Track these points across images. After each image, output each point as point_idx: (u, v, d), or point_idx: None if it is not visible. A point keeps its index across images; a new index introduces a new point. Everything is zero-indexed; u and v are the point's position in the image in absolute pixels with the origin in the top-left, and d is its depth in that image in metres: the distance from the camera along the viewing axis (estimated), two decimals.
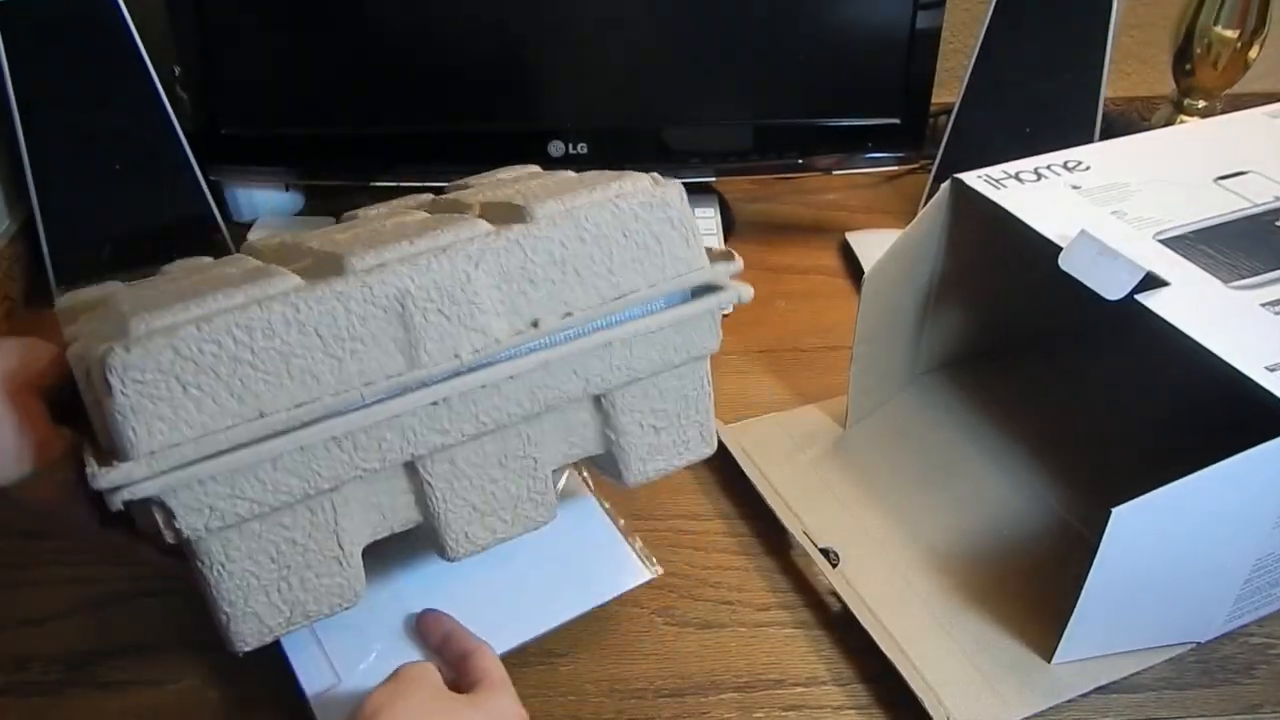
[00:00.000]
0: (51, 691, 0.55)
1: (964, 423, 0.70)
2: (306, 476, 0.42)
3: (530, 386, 0.45)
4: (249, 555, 0.42)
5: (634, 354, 0.47)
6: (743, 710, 0.55)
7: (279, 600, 0.43)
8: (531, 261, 0.44)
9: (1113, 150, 0.67)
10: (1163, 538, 0.51)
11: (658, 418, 0.50)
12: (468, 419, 0.44)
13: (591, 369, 0.46)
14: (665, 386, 0.49)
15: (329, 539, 0.44)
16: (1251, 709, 0.54)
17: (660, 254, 0.46)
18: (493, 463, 0.46)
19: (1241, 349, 0.51)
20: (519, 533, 0.49)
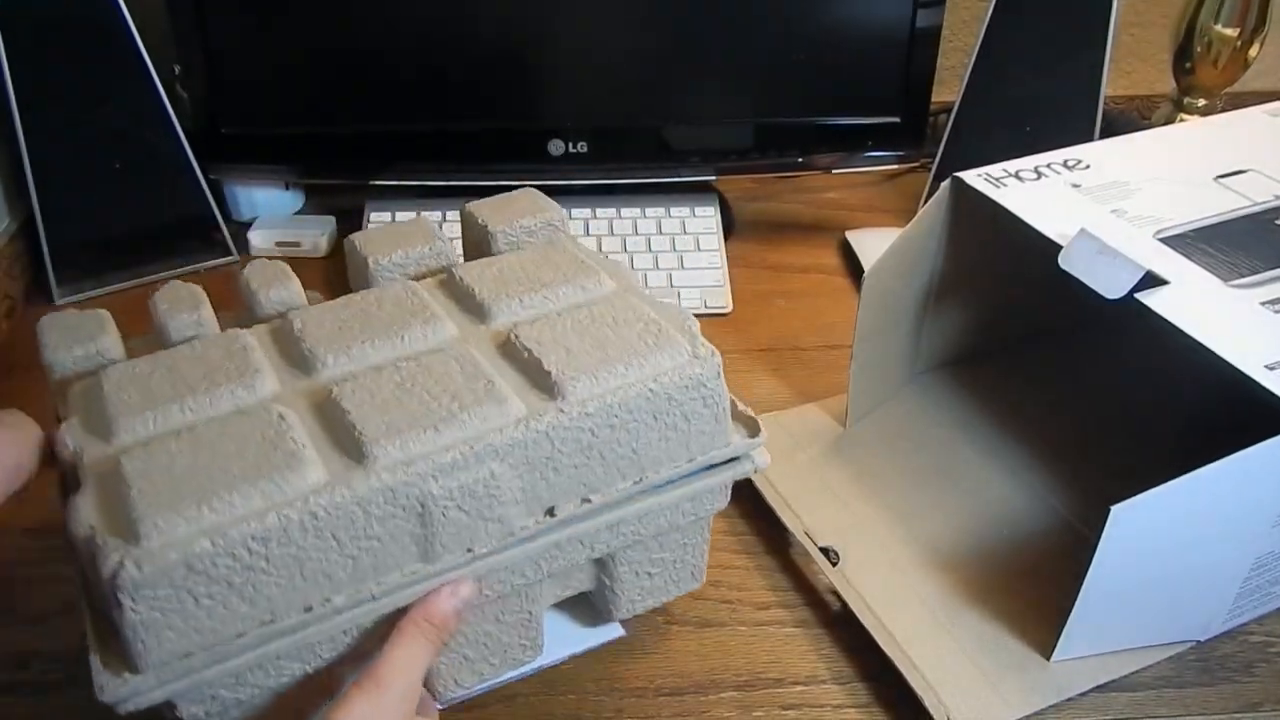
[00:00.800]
0: (52, 690, 0.55)
1: (964, 421, 0.70)
2: (309, 660, 0.42)
3: (537, 561, 0.45)
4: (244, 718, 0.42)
5: (643, 524, 0.47)
6: (743, 709, 0.55)
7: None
8: (559, 452, 0.43)
9: (1113, 149, 0.67)
10: (1162, 536, 0.51)
11: (654, 565, 0.50)
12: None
13: (599, 540, 0.46)
14: (667, 541, 0.50)
15: (321, 695, 0.43)
16: (1251, 707, 0.54)
17: (688, 432, 0.45)
18: (490, 620, 0.47)
19: (1241, 348, 0.51)
20: (505, 672, 0.49)
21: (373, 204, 0.90)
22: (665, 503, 0.46)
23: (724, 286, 0.83)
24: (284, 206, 0.93)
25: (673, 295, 0.82)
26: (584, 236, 0.86)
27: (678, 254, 0.85)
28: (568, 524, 0.44)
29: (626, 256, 0.85)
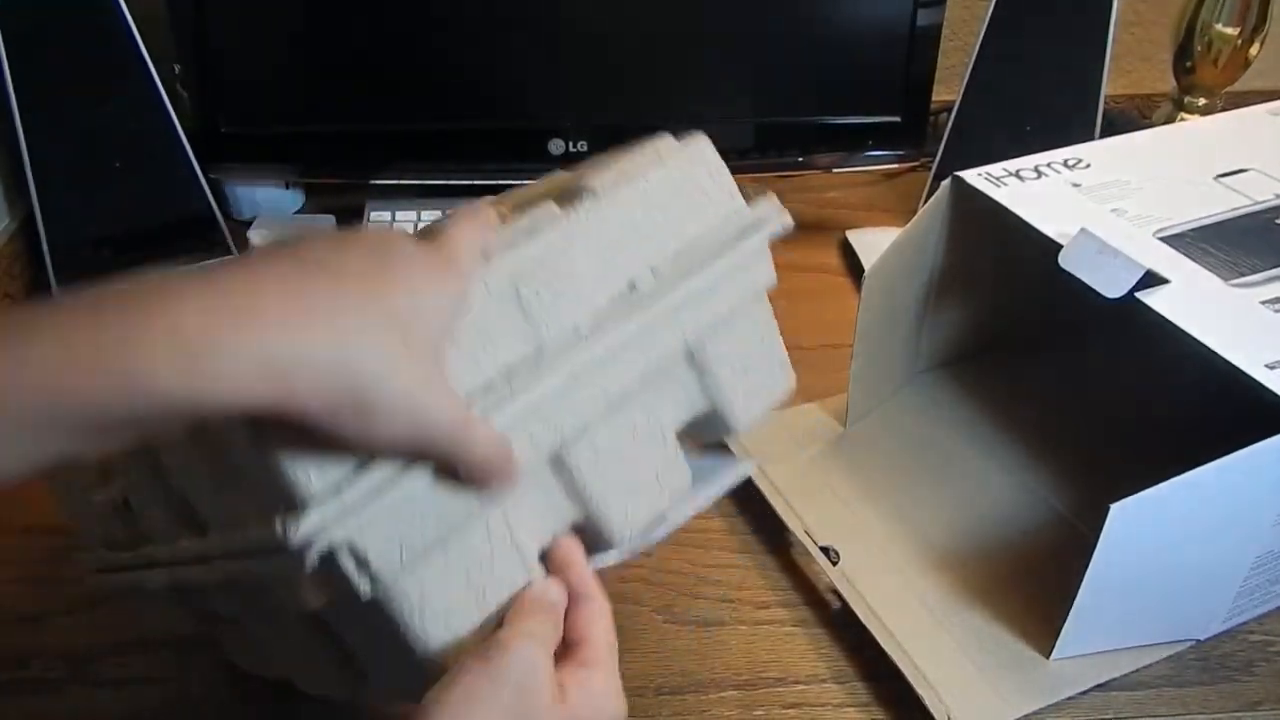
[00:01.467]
0: (52, 689, 0.55)
1: (964, 420, 0.70)
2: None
3: (641, 348, 0.45)
4: (443, 586, 0.40)
5: (717, 296, 0.47)
6: (743, 708, 0.55)
7: (475, 616, 0.41)
8: (610, 228, 0.44)
9: (1113, 148, 0.67)
10: (1161, 534, 0.51)
11: (745, 360, 0.50)
12: (596, 393, 0.44)
13: (685, 320, 0.46)
14: (743, 330, 0.50)
15: (510, 553, 0.41)
16: (1251, 706, 0.54)
17: (708, 203, 0.47)
18: (626, 438, 0.46)
19: (1241, 347, 0.51)
20: (670, 505, 0.48)
21: (373, 203, 0.90)
22: (723, 268, 0.47)
23: None
24: (284, 206, 0.93)
25: None
26: None
27: None
28: (652, 302, 0.45)
29: None
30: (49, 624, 0.58)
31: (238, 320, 0.31)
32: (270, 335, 0.31)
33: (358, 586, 0.37)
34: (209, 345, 0.30)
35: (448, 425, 0.36)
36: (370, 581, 0.37)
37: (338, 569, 0.37)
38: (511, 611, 0.40)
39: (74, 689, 0.55)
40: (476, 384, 0.40)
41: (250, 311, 0.31)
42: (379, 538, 0.37)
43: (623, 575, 0.61)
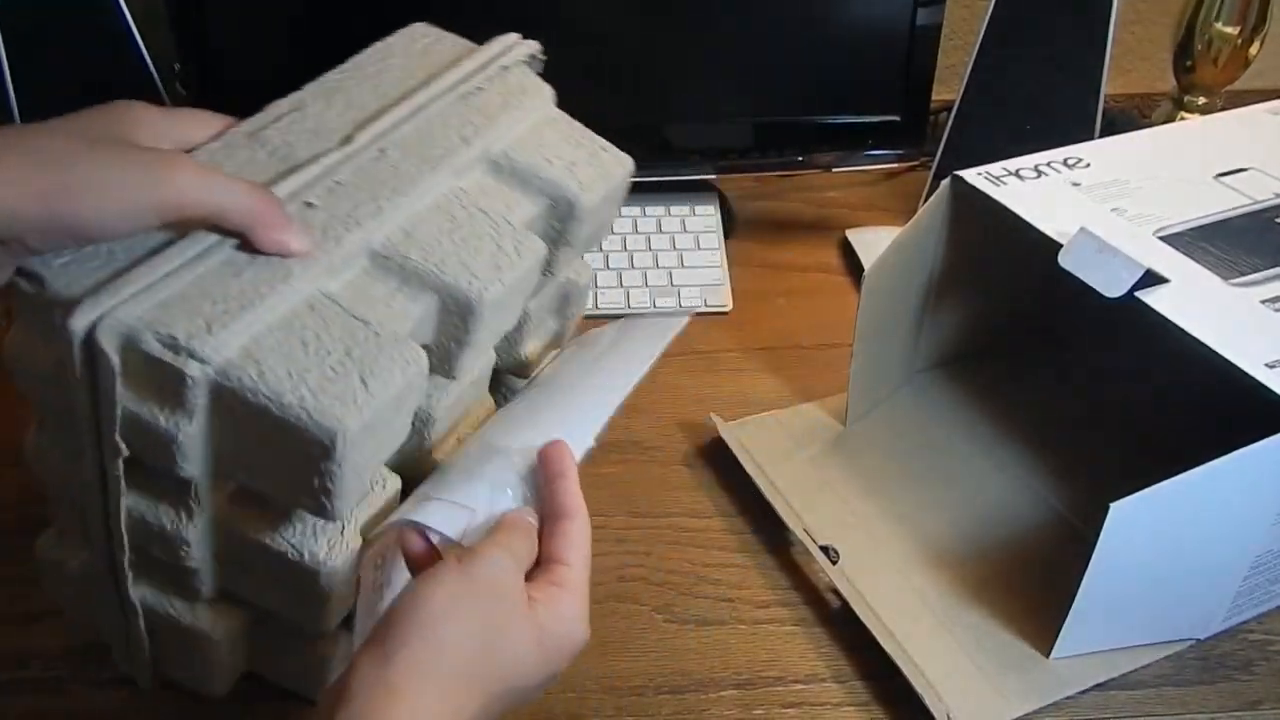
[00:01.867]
0: (52, 687, 0.55)
1: (963, 420, 0.70)
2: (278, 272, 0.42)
3: (416, 145, 0.49)
4: (279, 357, 0.41)
5: (480, 105, 0.53)
6: (743, 707, 0.55)
7: (341, 387, 0.41)
8: (354, 93, 0.52)
9: (1113, 147, 0.67)
10: (1161, 534, 0.51)
11: (569, 156, 0.54)
12: (375, 189, 0.47)
13: (452, 121, 0.51)
14: (549, 137, 0.55)
15: (345, 319, 0.43)
16: (1251, 705, 0.54)
17: (441, 53, 0.57)
18: (446, 226, 0.48)
19: (1241, 346, 0.51)
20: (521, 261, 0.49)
21: None
22: (469, 84, 0.54)
23: (724, 285, 0.83)
24: None
25: (673, 294, 0.82)
26: None
27: (678, 252, 0.85)
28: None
29: (627, 255, 0.85)
30: (49, 623, 0.58)
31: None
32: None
33: (181, 369, 0.39)
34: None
35: (167, 180, 0.40)
36: (189, 358, 0.39)
37: (154, 356, 0.39)
38: (494, 527, 0.42)
39: (74, 688, 0.55)
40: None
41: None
42: (180, 316, 0.39)
43: (623, 575, 0.61)
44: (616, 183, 0.55)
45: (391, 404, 0.41)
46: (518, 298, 0.50)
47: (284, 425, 0.39)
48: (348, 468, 0.40)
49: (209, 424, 0.41)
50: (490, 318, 0.47)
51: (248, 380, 0.39)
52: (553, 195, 0.52)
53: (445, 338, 0.47)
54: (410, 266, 0.46)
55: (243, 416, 0.40)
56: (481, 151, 0.51)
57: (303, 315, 0.42)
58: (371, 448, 0.42)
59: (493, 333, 0.50)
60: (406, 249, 0.46)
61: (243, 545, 0.46)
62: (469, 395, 0.54)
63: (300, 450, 0.40)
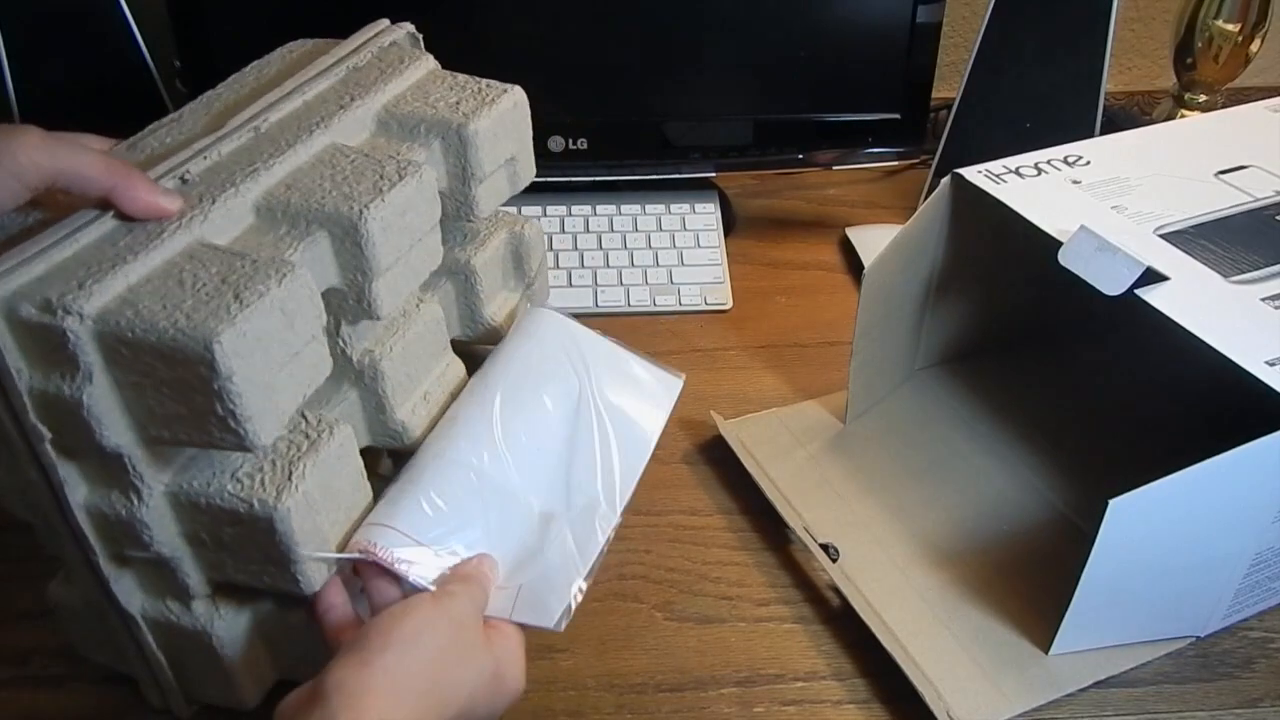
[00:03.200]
0: (52, 685, 0.55)
1: (963, 417, 0.70)
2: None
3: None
4: (155, 297, 0.41)
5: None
6: (742, 705, 0.55)
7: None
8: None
9: (1113, 145, 0.67)
10: (1160, 530, 0.51)
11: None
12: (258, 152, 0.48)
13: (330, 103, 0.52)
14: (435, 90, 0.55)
15: (229, 258, 0.43)
16: (1251, 703, 0.54)
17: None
18: (326, 169, 0.49)
19: (1241, 343, 0.51)
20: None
21: None
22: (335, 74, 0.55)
23: (724, 283, 0.83)
24: None
25: (673, 292, 0.82)
26: (584, 233, 0.86)
27: (678, 250, 0.85)
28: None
29: (627, 253, 0.85)
30: (49, 621, 0.58)
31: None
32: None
33: (60, 325, 0.40)
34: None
35: (34, 150, 0.41)
36: (65, 314, 0.40)
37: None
38: (458, 572, 0.47)
39: (74, 685, 0.55)
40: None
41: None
42: (56, 282, 0.41)
43: (622, 573, 0.61)
44: (505, 108, 0.55)
45: (274, 316, 0.42)
46: (415, 220, 0.49)
47: (166, 354, 0.40)
48: (240, 381, 0.40)
49: (110, 381, 0.42)
50: (383, 239, 0.47)
51: (124, 321, 0.40)
52: (441, 132, 0.53)
53: (349, 271, 0.48)
54: (293, 209, 0.46)
55: (133, 360, 0.41)
56: (363, 114, 0.52)
57: (180, 262, 0.43)
58: (264, 362, 0.42)
59: (404, 265, 0.50)
60: (288, 197, 0.47)
61: (198, 515, 0.46)
62: (421, 350, 0.54)
63: (191, 374, 0.40)
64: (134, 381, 0.42)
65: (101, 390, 0.41)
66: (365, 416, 0.53)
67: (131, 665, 0.52)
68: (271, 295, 0.41)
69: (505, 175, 0.58)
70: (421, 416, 0.54)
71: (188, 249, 0.43)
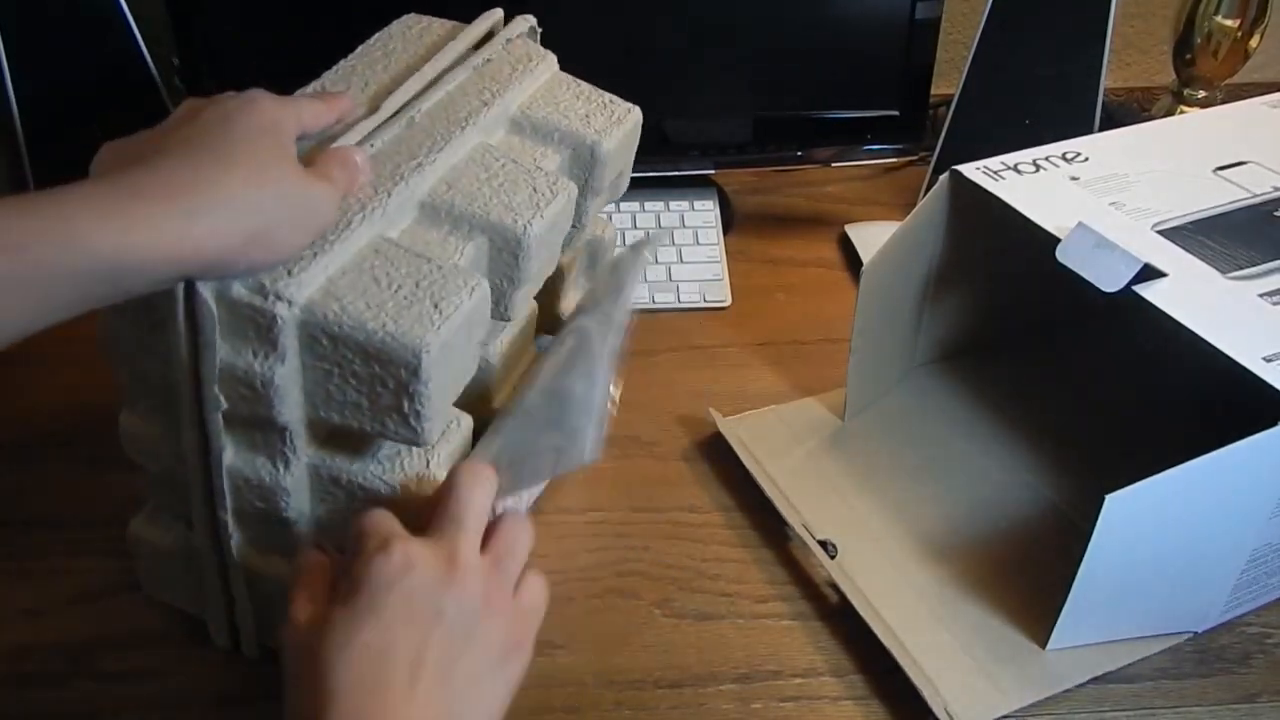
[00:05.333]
0: (51, 682, 0.55)
1: (961, 414, 0.70)
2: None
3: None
4: (355, 293, 0.44)
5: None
6: (741, 701, 0.55)
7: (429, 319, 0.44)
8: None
9: (1111, 141, 0.67)
10: (1157, 526, 0.51)
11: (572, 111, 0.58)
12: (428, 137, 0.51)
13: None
14: (562, 95, 0.59)
15: (415, 260, 0.46)
16: (1249, 698, 0.54)
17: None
18: (480, 170, 0.51)
19: (1239, 340, 0.51)
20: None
21: None
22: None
23: (723, 280, 0.83)
24: None
25: (671, 289, 0.82)
26: None
27: (676, 248, 0.85)
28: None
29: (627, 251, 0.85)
30: (49, 617, 0.58)
31: (145, 199, 0.40)
32: (171, 204, 0.40)
33: (271, 310, 0.42)
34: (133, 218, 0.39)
35: (328, 200, 0.44)
36: (277, 300, 0.42)
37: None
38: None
39: (74, 682, 0.55)
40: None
41: (147, 196, 0.40)
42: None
43: (621, 570, 0.61)
44: (629, 128, 0.59)
45: (463, 326, 0.45)
46: (556, 236, 0.54)
47: (370, 351, 0.43)
48: (433, 387, 0.43)
49: (300, 364, 0.44)
50: (536, 252, 0.50)
51: (331, 315, 0.43)
52: (573, 144, 0.56)
53: (498, 277, 0.51)
54: (458, 211, 0.49)
55: (330, 350, 0.43)
56: (501, 112, 0.55)
57: (369, 257, 0.45)
58: (449, 371, 0.45)
59: (539, 272, 0.53)
60: (451, 197, 0.49)
61: (335, 488, 0.48)
62: (519, 344, 0.58)
63: (389, 374, 0.43)
64: (324, 369, 0.44)
65: (290, 371, 0.44)
66: (467, 396, 0.54)
67: (206, 606, 0.54)
68: (465, 308, 0.44)
69: (612, 188, 0.61)
70: (504, 400, 0.57)
71: (372, 244, 0.46)
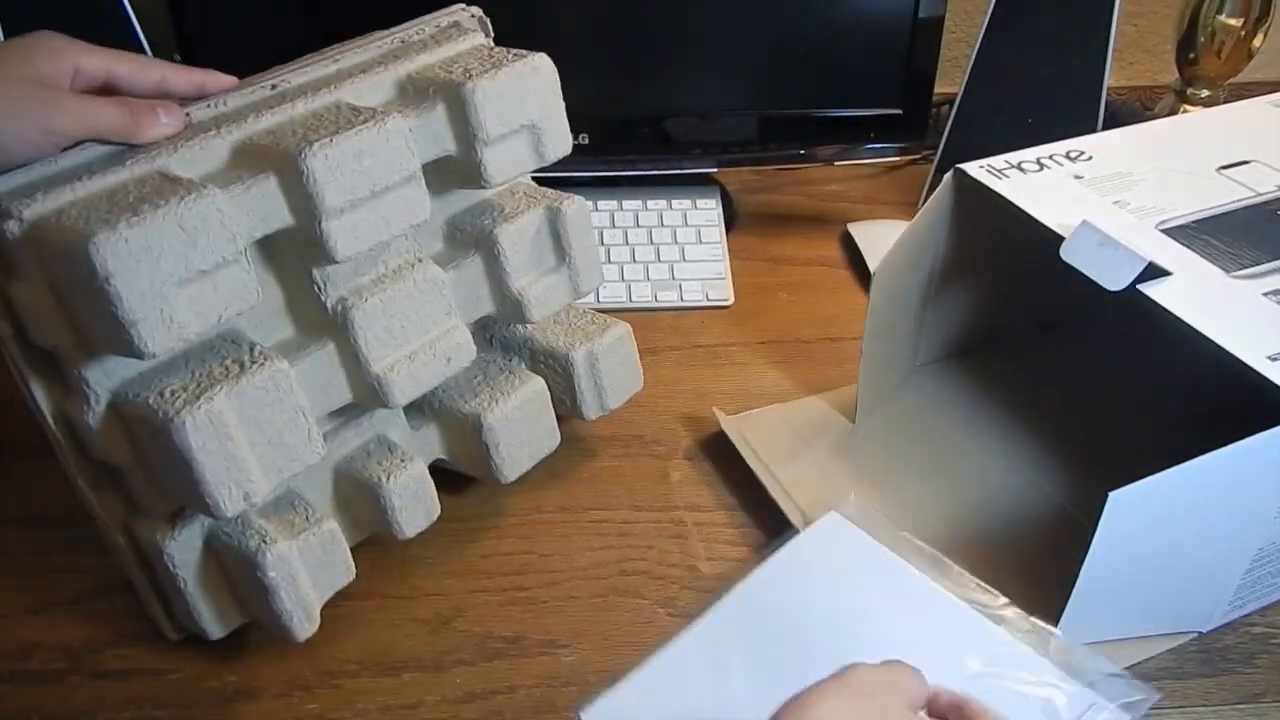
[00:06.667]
0: (53, 680, 0.55)
1: (965, 413, 0.70)
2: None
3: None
4: (85, 208, 0.44)
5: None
6: None
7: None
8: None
9: (1115, 140, 0.67)
10: (1161, 524, 0.51)
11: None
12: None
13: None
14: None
15: (166, 183, 0.46)
16: (1253, 699, 0.54)
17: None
18: (311, 119, 0.50)
19: (1243, 338, 0.50)
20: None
21: None
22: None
23: (725, 279, 0.83)
24: None
25: (675, 288, 0.82)
26: None
27: (679, 246, 0.85)
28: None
29: (629, 249, 0.85)
30: (50, 616, 0.58)
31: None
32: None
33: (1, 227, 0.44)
34: None
35: (64, 113, 0.47)
36: (6, 218, 0.44)
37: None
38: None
39: (75, 680, 0.55)
40: None
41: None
42: (20, 191, 0.45)
43: (624, 569, 0.61)
44: (517, 71, 0.55)
45: (166, 227, 0.43)
46: (375, 166, 0.49)
47: (64, 254, 0.43)
48: (120, 284, 0.42)
49: (44, 285, 0.45)
50: (327, 178, 0.48)
51: (48, 225, 0.44)
52: (444, 95, 0.53)
53: (299, 213, 0.49)
54: (255, 149, 0.48)
55: (52, 264, 0.44)
56: (385, 79, 0.53)
57: (129, 184, 0.46)
58: (153, 270, 0.43)
59: (368, 209, 0.50)
60: (264, 141, 0.49)
61: (135, 427, 0.48)
62: (409, 306, 0.54)
63: (81, 276, 0.43)
64: (60, 289, 0.45)
65: (34, 291, 0.45)
66: (345, 369, 0.53)
67: (130, 571, 0.54)
68: (167, 209, 0.43)
69: (526, 143, 0.57)
70: (404, 376, 0.54)
71: (144, 175, 0.46)
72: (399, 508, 0.56)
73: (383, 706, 0.54)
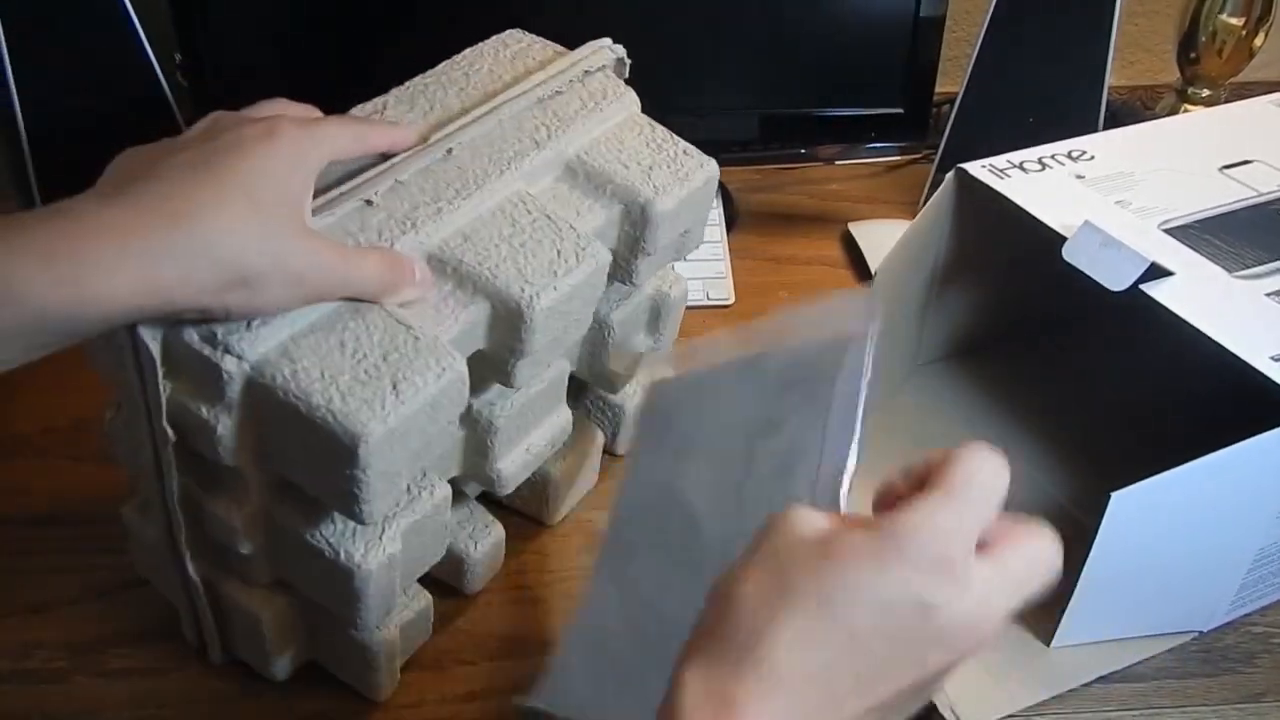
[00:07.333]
0: (55, 679, 0.55)
1: (965, 413, 0.70)
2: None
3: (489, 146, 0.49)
4: (315, 357, 0.41)
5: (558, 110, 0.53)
6: None
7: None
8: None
9: (1117, 139, 0.67)
10: (1163, 524, 0.51)
11: (636, 158, 0.54)
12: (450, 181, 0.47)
13: (527, 125, 0.51)
14: (628, 139, 0.55)
15: (394, 326, 0.42)
16: (1254, 698, 0.54)
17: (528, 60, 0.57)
18: (506, 224, 0.47)
19: (1246, 338, 0.51)
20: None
21: None
22: (538, 94, 0.53)
23: (726, 278, 0.83)
24: None
25: None
26: None
27: None
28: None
29: None
30: (52, 615, 0.58)
31: (105, 240, 0.36)
32: (135, 244, 0.36)
33: (217, 363, 0.40)
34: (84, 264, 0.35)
35: (329, 273, 0.41)
36: (225, 353, 0.40)
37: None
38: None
39: (77, 680, 0.55)
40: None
41: (113, 231, 0.36)
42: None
43: None
44: (696, 186, 0.53)
45: (423, 411, 0.41)
46: (579, 305, 0.49)
47: (311, 426, 0.40)
48: (373, 473, 0.40)
49: (247, 417, 0.41)
50: (543, 325, 0.46)
51: (279, 379, 0.40)
52: (625, 200, 0.51)
53: (500, 345, 0.47)
54: (464, 270, 0.45)
55: (276, 413, 0.40)
56: (555, 155, 0.50)
57: (345, 317, 0.42)
58: (402, 454, 0.41)
59: (554, 341, 0.49)
60: (462, 253, 0.45)
61: (286, 537, 0.46)
62: (538, 406, 0.53)
63: (328, 451, 0.40)
64: (272, 426, 0.41)
65: (237, 422, 0.41)
66: (464, 454, 0.52)
67: (178, 602, 0.53)
68: (428, 393, 0.41)
69: (674, 247, 0.56)
70: (518, 467, 0.53)
71: (371, 319, 0.42)
72: (477, 572, 0.56)
73: (383, 705, 0.54)
